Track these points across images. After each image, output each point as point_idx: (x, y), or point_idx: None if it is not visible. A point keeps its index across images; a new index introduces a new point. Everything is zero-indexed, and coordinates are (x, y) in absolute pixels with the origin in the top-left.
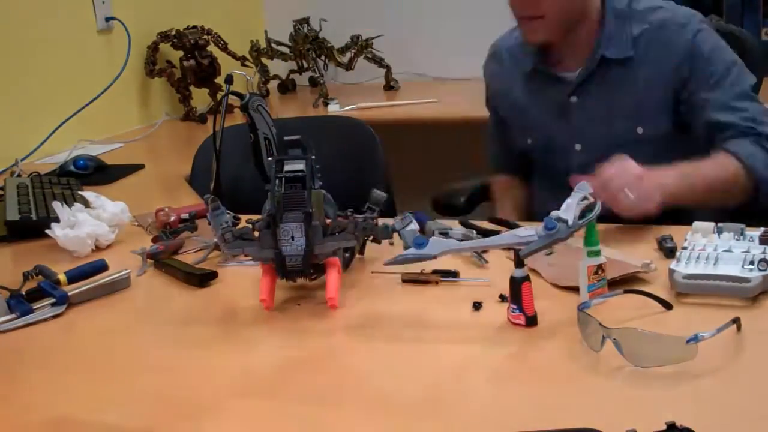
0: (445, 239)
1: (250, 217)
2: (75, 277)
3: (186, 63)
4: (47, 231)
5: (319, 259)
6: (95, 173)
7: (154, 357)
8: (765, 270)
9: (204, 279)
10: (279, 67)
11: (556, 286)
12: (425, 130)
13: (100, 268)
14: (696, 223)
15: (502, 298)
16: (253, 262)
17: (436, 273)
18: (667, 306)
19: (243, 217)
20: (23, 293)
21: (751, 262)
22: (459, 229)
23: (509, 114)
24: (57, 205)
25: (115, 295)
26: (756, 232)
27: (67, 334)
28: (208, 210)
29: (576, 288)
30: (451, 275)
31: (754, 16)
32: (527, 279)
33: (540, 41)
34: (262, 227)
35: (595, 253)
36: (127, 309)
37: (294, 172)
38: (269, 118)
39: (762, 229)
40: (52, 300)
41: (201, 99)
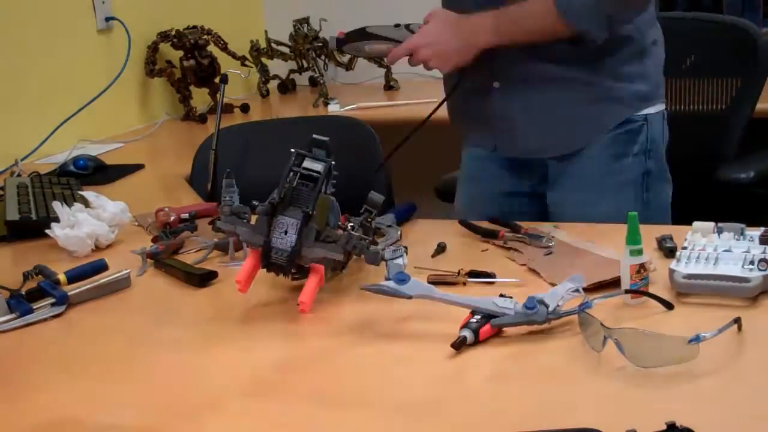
0: (426, 284)
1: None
2: (75, 277)
3: (186, 63)
4: (47, 231)
5: (304, 262)
6: (95, 173)
7: (154, 357)
8: (765, 270)
9: (204, 279)
10: (279, 67)
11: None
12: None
13: (100, 268)
14: (696, 223)
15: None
16: None
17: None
18: (668, 306)
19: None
20: (23, 293)
21: (751, 262)
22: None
23: None
24: (57, 205)
25: (115, 295)
26: (756, 232)
27: (67, 334)
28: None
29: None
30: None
31: (754, 16)
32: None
33: None
34: (261, 212)
35: (638, 251)
36: (127, 309)
37: (310, 171)
38: None
39: (762, 229)
40: (52, 300)
41: (201, 99)
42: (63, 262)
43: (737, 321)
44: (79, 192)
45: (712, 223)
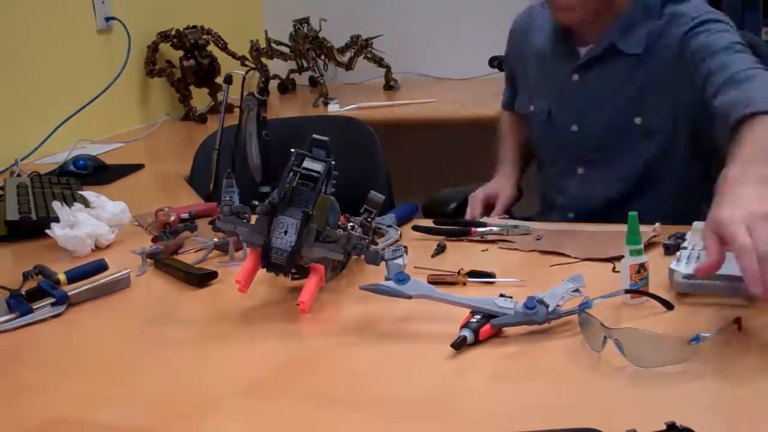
0: (426, 284)
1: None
2: (75, 277)
3: (186, 63)
4: (47, 231)
5: (304, 261)
6: (95, 173)
7: (154, 357)
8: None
9: (204, 279)
10: (279, 67)
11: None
12: (425, 130)
13: (100, 268)
14: (696, 223)
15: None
16: None
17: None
18: (668, 306)
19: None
20: (23, 293)
21: None
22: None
23: (520, 73)
24: (57, 205)
25: (115, 295)
26: None
27: (67, 334)
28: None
29: None
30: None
31: (754, 16)
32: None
33: (570, 24)
34: (261, 212)
35: (638, 251)
36: (127, 309)
37: (310, 171)
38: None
39: None
40: (52, 300)
41: (201, 99)
42: (63, 262)
43: (737, 321)
44: (79, 192)
45: None
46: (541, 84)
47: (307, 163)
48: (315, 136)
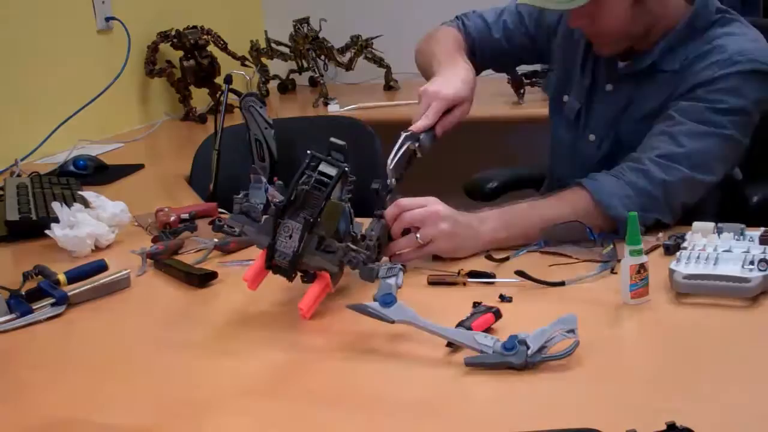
0: (410, 310)
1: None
2: (75, 277)
3: (186, 63)
4: (47, 231)
5: (307, 267)
6: (95, 173)
7: (154, 357)
8: (765, 270)
9: (204, 279)
10: (279, 67)
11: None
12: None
13: (100, 268)
14: (696, 223)
15: (502, 298)
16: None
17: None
18: (559, 284)
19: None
20: (23, 293)
21: (751, 262)
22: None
23: (556, 51)
24: (56, 206)
25: (114, 296)
26: (756, 232)
27: (67, 334)
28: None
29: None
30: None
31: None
32: None
33: (607, 55)
34: (270, 213)
35: (637, 252)
36: (127, 309)
37: (324, 175)
38: (262, 118)
39: (762, 229)
40: (52, 300)
41: (201, 99)
42: (63, 262)
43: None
44: (79, 192)
45: (712, 224)
46: (572, 74)
47: (323, 166)
48: (333, 140)
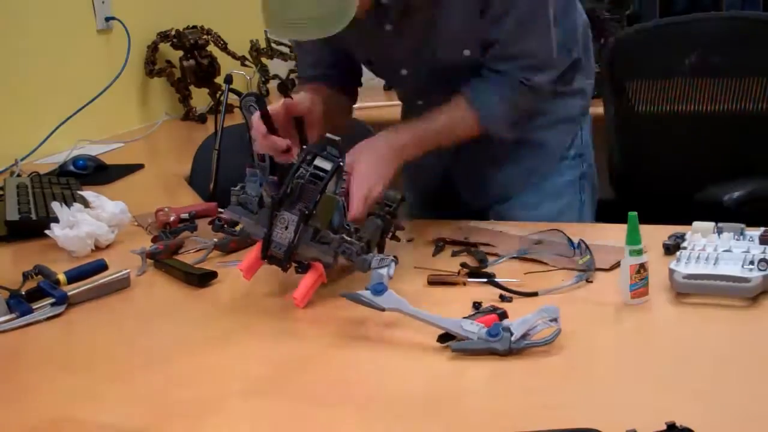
0: (400, 298)
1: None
2: (75, 277)
3: (186, 63)
4: (47, 231)
5: (301, 259)
6: (95, 173)
7: (154, 357)
8: (765, 270)
9: (204, 279)
10: (279, 67)
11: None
12: None
13: (100, 268)
14: (696, 223)
15: (502, 298)
16: None
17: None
18: (532, 295)
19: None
20: (23, 293)
21: (751, 262)
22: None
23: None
24: (56, 206)
25: (114, 295)
26: (756, 232)
27: (67, 334)
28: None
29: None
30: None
31: None
32: None
33: None
34: (267, 205)
35: (637, 252)
36: (126, 309)
37: (319, 169)
38: None
39: (762, 229)
40: (52, 300)
41: (201, 99)
42: (63, 262)
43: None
44: (79, 192)
45: (712, 224)
46: (361, 34)
47: (319, 161)
48: (328, 135)
